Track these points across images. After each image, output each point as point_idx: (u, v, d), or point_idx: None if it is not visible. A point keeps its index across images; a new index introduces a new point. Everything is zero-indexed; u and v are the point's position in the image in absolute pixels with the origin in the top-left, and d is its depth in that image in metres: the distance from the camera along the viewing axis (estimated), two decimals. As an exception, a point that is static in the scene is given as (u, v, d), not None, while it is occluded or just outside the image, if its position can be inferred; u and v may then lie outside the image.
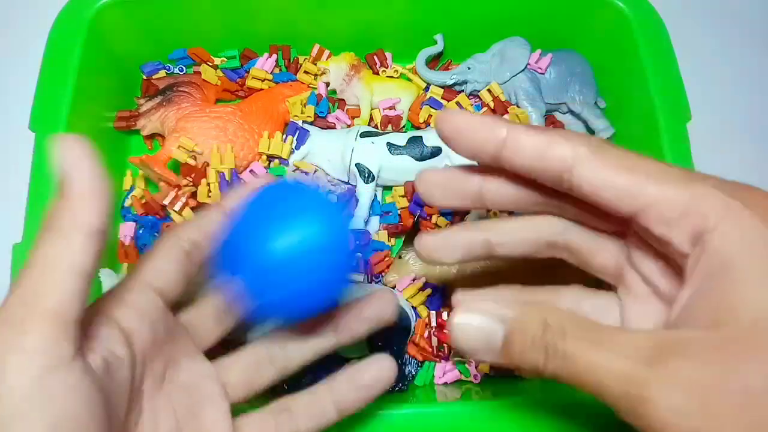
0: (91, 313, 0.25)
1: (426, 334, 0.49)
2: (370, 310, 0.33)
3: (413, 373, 0.48)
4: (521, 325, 0.24)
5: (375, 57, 0.57)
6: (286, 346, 0.32)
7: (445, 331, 0.49)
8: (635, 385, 0.20)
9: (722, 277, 0.21)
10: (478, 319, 0.25)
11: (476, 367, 0.49)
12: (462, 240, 0.31)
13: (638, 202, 0.23)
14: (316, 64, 0.56)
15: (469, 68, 0.56)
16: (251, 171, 0.51)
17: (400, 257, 0.50)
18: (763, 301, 0.20)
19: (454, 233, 0.31)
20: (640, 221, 0.24)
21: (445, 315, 0.49)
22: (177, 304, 0.31)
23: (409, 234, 0.51)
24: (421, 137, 0.52)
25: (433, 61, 0.59)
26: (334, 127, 0.55)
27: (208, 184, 0.49)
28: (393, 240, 0.53)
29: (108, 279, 0.47)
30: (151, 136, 0.55)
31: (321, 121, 0.55)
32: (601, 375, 0.21)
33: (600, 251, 0.29)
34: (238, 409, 0.31)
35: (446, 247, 0.31)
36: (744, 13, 0.68)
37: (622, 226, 0.27)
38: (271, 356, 0.32)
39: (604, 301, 0.29)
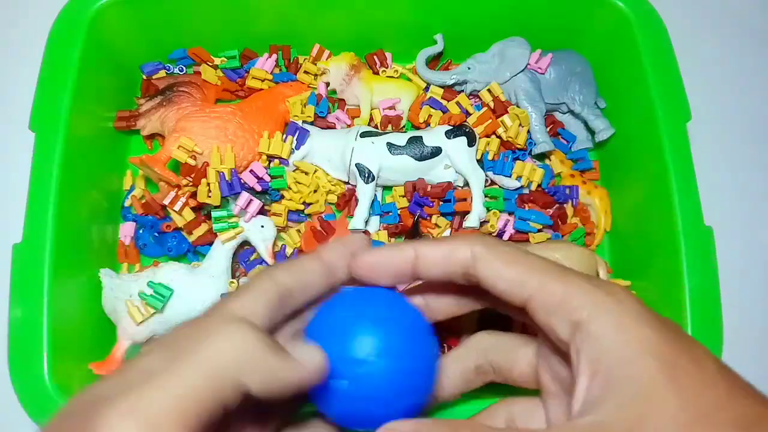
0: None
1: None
2: None
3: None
4: None
5: (375, 57, 0.57)
6: (290, 289, 0.30)
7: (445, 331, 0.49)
8: None
9: (603, 362, 0.24)
10: None
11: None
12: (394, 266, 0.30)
13: (525, 292, 0.27)
14: (316, 64, 0.56)
15: (469, 68, 0.56)
16: (251, 171, 0.51)
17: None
18: (639, 376, 0.23)
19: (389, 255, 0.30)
20: (528, 310, 0.27)
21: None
22: None
23: (408, 234, 0.51)
24: (421, 137, 0.52)
25: (433, 61, 0.59)
26: (334, 127, 0.55)
27: (208, 184, 0.49)
28: (393, 240, 0.53)
29: (108, 279, 0.47)
30: (151, 136, 0.55)
31: (321, 121, 0.55)
32: None
33: (517, 363, 0.31)
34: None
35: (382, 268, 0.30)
36: (744, 13, 0.68)
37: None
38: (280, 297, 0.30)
39: (531, 404, 0.31)
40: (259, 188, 0.50)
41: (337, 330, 0.28)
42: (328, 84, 0.56)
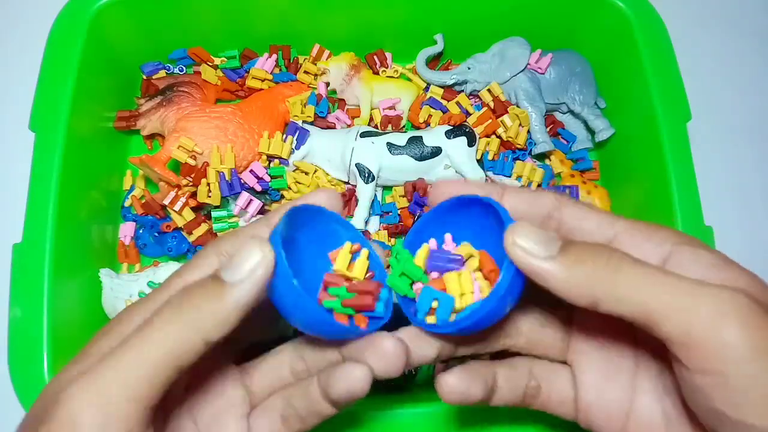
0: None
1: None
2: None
3: (413, 372, 0.48)
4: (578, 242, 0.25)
5: (375, 57, 0.57)
6: (306, 358, 0.31)
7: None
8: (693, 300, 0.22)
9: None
10: (536, 227, 0.25)
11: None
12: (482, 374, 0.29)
13: (613, 229, 0.27)
14: (316, 64, 0.56)
15: (469, 68, 0.56)
16: (251, 171, 0.51)
17: (400, 257, 0.50)
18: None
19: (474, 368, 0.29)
20: (615, 243, 0.27)
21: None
22: None
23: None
24: (421, 137, 0.52)
25: (433, 61, 0.59)
26: (334, 127, 0.55)
27: (208, 184, 0.49)
28: (393, 240, 0.53)
29: (108, 279, 0.47)
30: (151, 136, 0.55)
31: (321, 121, 0.55)
32: (658, 284, 0.23)
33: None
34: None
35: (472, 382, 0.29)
36: (744, 13, 0.68)
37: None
38: (292, 368, 0.31)
39: (552, 367, 0.31)
40: (259, 188, 0.50)
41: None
42: (328, 84, 0.56)
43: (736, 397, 0.22)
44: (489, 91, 0.55)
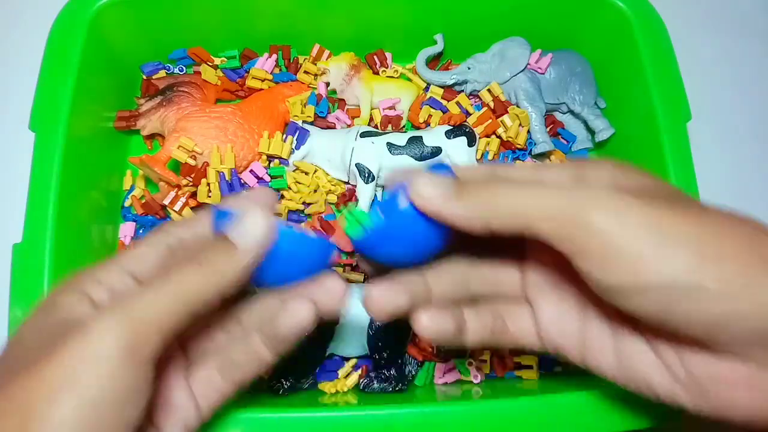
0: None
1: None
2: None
3: (413, 373, 0.48)
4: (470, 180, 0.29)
5: (375, 57, 0.57)
6: (240, 319, 0.34)
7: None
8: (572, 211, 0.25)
9: None
10: (433, 174, 0.29)
11: (476, 368, 0.49)
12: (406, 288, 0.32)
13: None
14: (316, 64, 0.56)
15: (469, 68, 0.56)
16: (251, 171, 0.51)
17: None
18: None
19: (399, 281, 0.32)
20: None
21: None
22: None
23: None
24: (421, 137, 0.52)
25: (433, 61, 0.59)
26: (334, 127, 0.55)
27: (208, 184, 0.49)
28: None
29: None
30: (151, 136, 0.55)
31: (321, 121, 0.55)
32: (536, 197, 0.26)
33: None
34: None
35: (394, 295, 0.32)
36: (744, 13, 0.68)
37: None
38: (223, 326, 0.34)
39: (515, 307, 0.34)
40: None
41: None
42: (328, 84, 0.56)
43: (617, 265, 0.25)
44: (489, 91, 0.55)
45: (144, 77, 0.55)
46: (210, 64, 0.56)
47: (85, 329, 0.24)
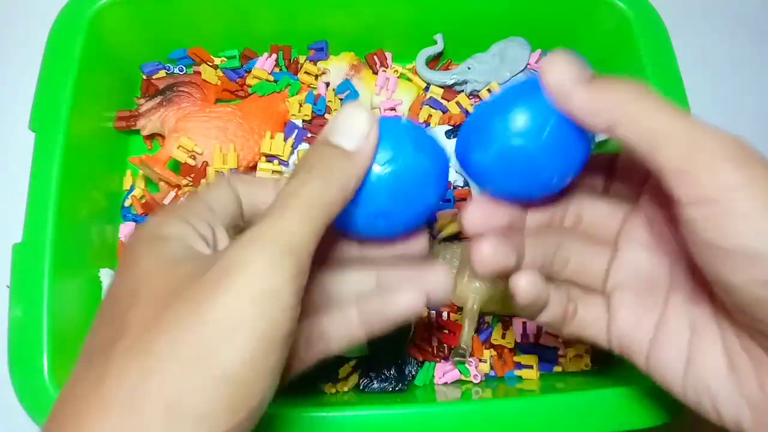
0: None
1: (426, 334, 0.49)
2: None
3: (413, 373, 0.48)
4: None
5: (375, 57, 0.57)
6: (329, 292, 0.32)
7: (445, 330, 0.49)
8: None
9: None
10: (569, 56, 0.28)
11: (476, 368, 0.49)
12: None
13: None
14: (316, 64, 0.56)
15: (469, 68, 0.56)
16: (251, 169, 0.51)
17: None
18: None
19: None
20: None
21: (445, 315, 0.49)
22: None
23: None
24: (421, 137, 0.52)
25: (433, 61, 0.59)
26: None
27: (208, 184, 0.49)
28: (393, 240, 0.53)
29: (108, 279, 0.47)
30: (151, 136, 0.55)
31: (319, 119, 0.55)
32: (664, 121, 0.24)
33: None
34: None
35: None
36: (744, 12, 0.68)
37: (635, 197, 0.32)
38: (312, 301, 0.31)
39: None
40: None
41: None
42: (328, 84, 0.56)
43: (731, 225, 0.23)
44: (489, 91, 0.55)
45: (144, 77, 0.55)
46: (210, 64, 0.56)
47: (244, 266, 0.22)
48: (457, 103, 0.56)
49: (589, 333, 0.32)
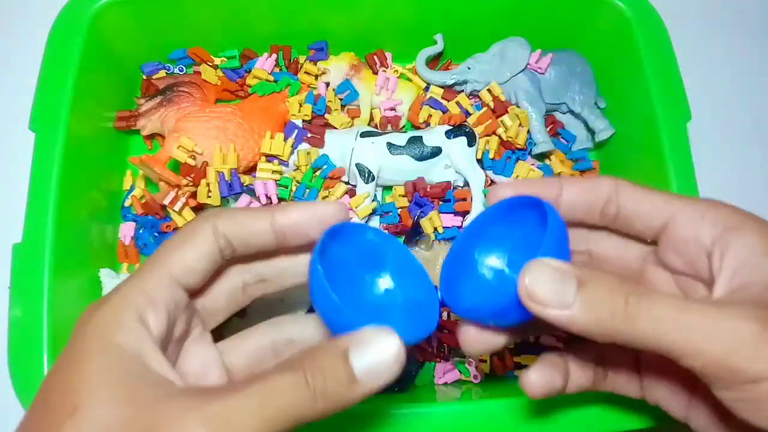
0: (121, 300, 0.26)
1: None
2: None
3: (413, 373, 0.48)
4: (596, 275, 0.25)
5: (375, 57, 0.57)
6: (290, 337, 0.33)
7: (445, 330, 0.49)
8: (726, 322, 0.23)
9: (750, 257, 0.26)
10: (552, 267, 0.24)
11: (476, 368, 0.49)
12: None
13: (668, 210, 0.29)
14: (316, 64, 0.56)
15: (469, 68, 0.56)
16: (265, 185, 0.50)
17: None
18: None
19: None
20: (670, 228, 0.29)
21: (445, 315, 0.49)
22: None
23: (409, 234, 0.51)
24: (421, 137, 0.52)
25: (433, 61, 0.59)
26: (334, 128, 0.55)
27: (208, 184, 0.49)
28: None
29: (108, 279, 0.47)
30: (151, 136, 0.55)
31: (319, 119, 0.55)
32: (687, 316, 0.23)
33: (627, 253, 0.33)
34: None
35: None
36: (744, 12, 0.68)
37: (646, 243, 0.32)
38: (274, 346, 0.32)
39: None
40: (264, 201, 0.50)
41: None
42: (328, 84, 0.56)
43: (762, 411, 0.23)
44: (489, 91, 0.55)
45: (144, 77, 0.55)
46: (210, 64, 0.56)
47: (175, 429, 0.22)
48: (457, 103, 0.56)
49: (624, 392, 0.33)
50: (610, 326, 0.24)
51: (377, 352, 0.24)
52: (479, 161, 0.53)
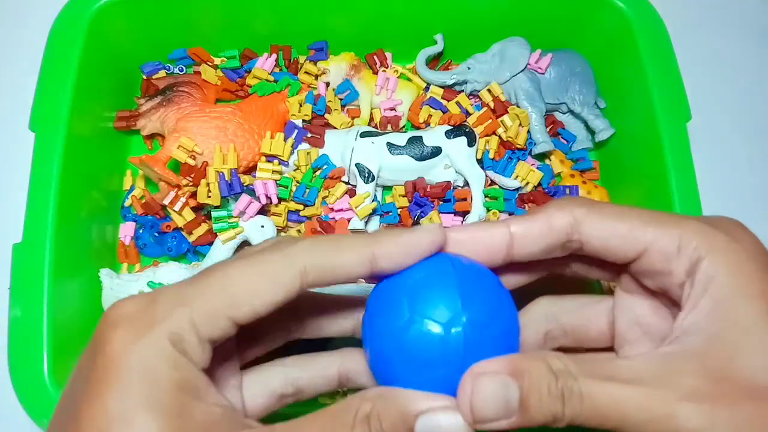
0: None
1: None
2: None
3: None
4: (534, 378, 0.24)
5: (375, 57, 0.57)
6: (311, 374, 0.31)
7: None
8: (659, 408, 0.22)
9: (713, 296, 0.24)
10: (495, 382, 0.24)
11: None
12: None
13: (639, 245, 0.26)
14: (316, 64, 0.56)
15: (469, 68, 0.56)
16: (265, 185, 0.50)
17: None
18: (744, 312, 0.24)
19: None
20: (642, 261, 0.27)
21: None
22: None
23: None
24: (421, 137, 0.52)
25: (433, 61, 0.59)
26: (334, 128, 0.55)
27: (208, 184, 0.49)
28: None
29: (108, 279, 0.47)
30: (151, 136, 0.55)
31: (319, 119, 0.55)
32: (623, 406, 0.23)
33: (593, 321, 0.31)
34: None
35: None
36: (744, 12, 0.68)
37: (616, 274, 0.30)
38: (294, 383, 0.30)
39: (575, 304, 0.32)
40: (264, 201, 0.50)
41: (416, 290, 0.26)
42: (328, 84, 0.56)
43: None
44: (489, 91, 0.55)
45: (144, 77, 0.55)
46: (210, 64, 0.56)
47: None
48: (457, 103, 0.56)
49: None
50: (551, 420, 0.24)
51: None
52: (479, 161, 0.53)
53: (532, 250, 0.27)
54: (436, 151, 0.51)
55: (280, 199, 0.51)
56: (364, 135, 0.52)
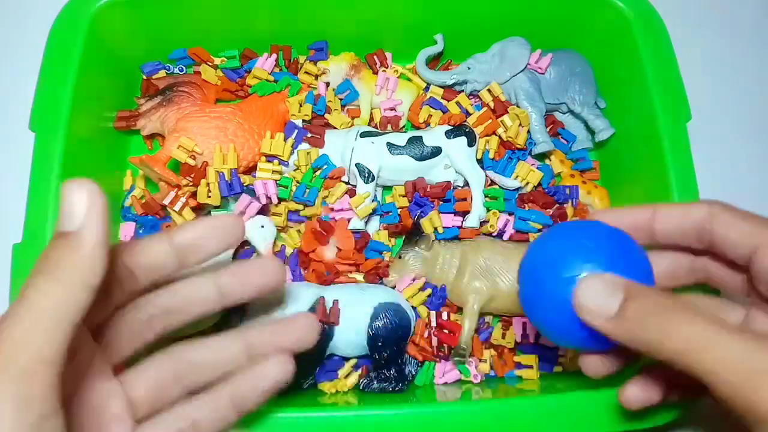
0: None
1: (426, 334, 0.49)
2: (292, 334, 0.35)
3: (413, 373, 0.48)
4: (643, 291, 0.27)
5: (375, 57, 0.57)
6: (193, 363, 0.32)
7: (445, 330, 0.49)
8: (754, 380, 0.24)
9: None
10: (605, 281, 0.28)
11: (476, 368, 0.49)
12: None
13: (754, 242, 0.30)
14: (316, 64, 0.56)
15: (469, 68, 0.56)
16: (264, 185, 0.50)
17: (400, 257, 0.50)
18: None
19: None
20: (757, 258, 0.30)
21: (444, 315, 0.49)
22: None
23: (408, 234, 0.51)
24: (421, 137, 0.52)
25: (433, 61, 0.59)
26: (334, 128, 0.55)
27: (208, 184, 0.49)
28: (393, 240, 0.53)
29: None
30: (151, 136, 0.55)
31: (319, 119, 0.55)
32: (719, 370, 0.24)
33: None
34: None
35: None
36: (744, 13, 0.68)
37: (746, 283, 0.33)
38: (176, 373, 0.32)
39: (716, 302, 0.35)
40: (264, 201, 0.50)
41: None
42: (328, 84, 0.56)
43: None
44: (489, 91, 0.55)
45: (144, 77, 0.55)
46: (210, 64, 0.56)
47: None
48: (457, 103, 0.56)
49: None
50: (644, 340, 0.26)
51: (70, 204, 0.24)
52: (479, 161, 0.53)
53: (671, 227, 0.32)
54: (436, 151, 0.51)
55: (280, 199, 0.51)
56: (364, 135, 0.52)
